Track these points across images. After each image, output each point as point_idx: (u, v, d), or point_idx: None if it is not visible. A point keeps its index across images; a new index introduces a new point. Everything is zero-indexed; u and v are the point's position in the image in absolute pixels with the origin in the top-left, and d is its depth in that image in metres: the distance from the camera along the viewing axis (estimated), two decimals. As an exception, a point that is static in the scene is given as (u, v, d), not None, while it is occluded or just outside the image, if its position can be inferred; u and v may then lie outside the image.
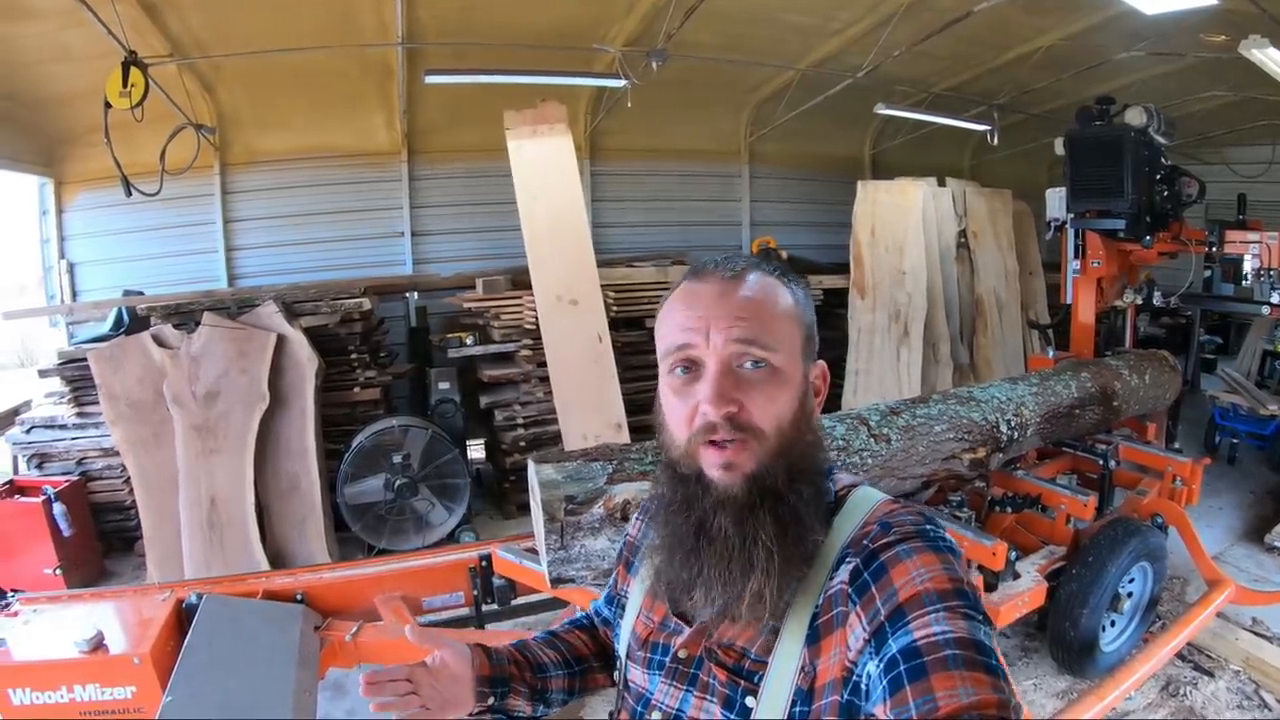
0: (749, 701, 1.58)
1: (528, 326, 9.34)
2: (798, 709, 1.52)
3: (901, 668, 1.33)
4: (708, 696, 1.67)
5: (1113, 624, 6.06)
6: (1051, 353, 8.29)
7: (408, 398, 11.03)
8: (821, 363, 1.76)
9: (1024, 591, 5.10)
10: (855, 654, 1.44)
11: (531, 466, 3.93)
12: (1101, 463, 6.63)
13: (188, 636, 4.22)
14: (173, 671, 4.00)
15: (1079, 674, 5.93)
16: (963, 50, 11.69)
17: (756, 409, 1.57)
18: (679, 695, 1.73)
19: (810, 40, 11.38)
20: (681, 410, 1.62)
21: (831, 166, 15.47)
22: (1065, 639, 5.74)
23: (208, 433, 8.15)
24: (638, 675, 1.85)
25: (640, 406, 9.52)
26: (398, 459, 8.51)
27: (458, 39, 10.09)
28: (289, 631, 4.53)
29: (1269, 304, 7.33)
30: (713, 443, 1.58)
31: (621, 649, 1.96)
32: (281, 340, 8.50)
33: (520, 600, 5.29)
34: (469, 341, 9.73)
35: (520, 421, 9.62)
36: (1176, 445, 8.07)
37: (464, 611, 5.47)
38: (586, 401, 8.54)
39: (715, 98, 13.42)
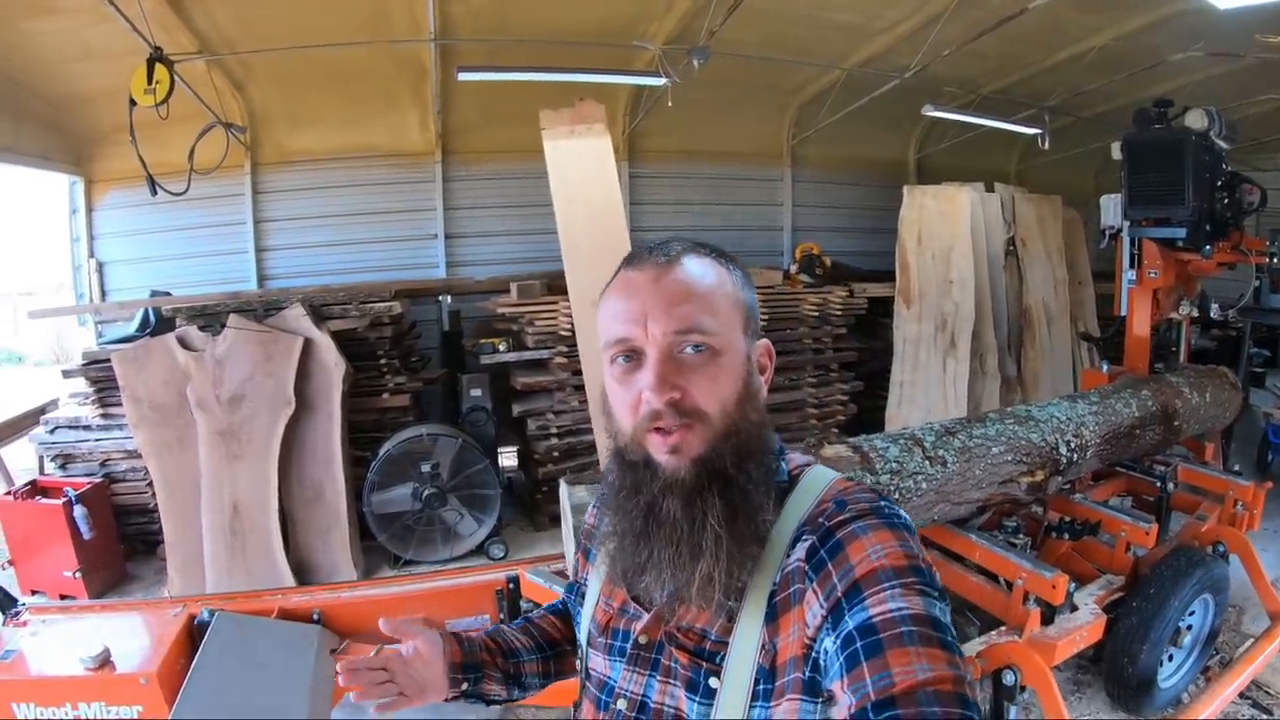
0: (712, 683, 1.60)
1: (563, 333, 9.20)
2: (761, 687, 1.54)
3: (858, 644, 1.35)
4: (671, 680, 1.69)
5: (1170, 658, 5.76)
6: (1105, 367, 8.00)
7: (440, 404, 10.90)
8: (765, 341, 1.79)
9: (1082, 625, 4.82)
10: (814, 630, 1.46)
11: (563, 488, 3.81)
12: (1160, 485, 6.37)
13: (196, 656, 4.12)
14: (179, 693, 3.90)
15: (1135, 711, 5.62)
16: (1012, 50, 11.42)
17: (699, 392, 1.59)
18: (642, 681, 1.75)
19: (855, 39, 11.14)
20: (625, 398, 1.64)
21: (875, 170, 15.23)
22: (1123, 675, 5.44)
23: (231, 437, 8.10)
24: (599, 662, 1.88)
25: None
26: (426, 468, 8.43)
27: (492, 36, 9.95)
28: (303, 654, 4.44)
29: (1325, 317, 7.04)
30: (659, 429, 1.59)
31: (582, 636, 1.99)
32: (308, 344, 8.43)
33: None
34: (502, 347, 9.60)
35: (554, 431, 9.46)
36: (1236, 467, 7.70)
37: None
38: None
39: (756, 99, 13.22)
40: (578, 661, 2.06)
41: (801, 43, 11.05)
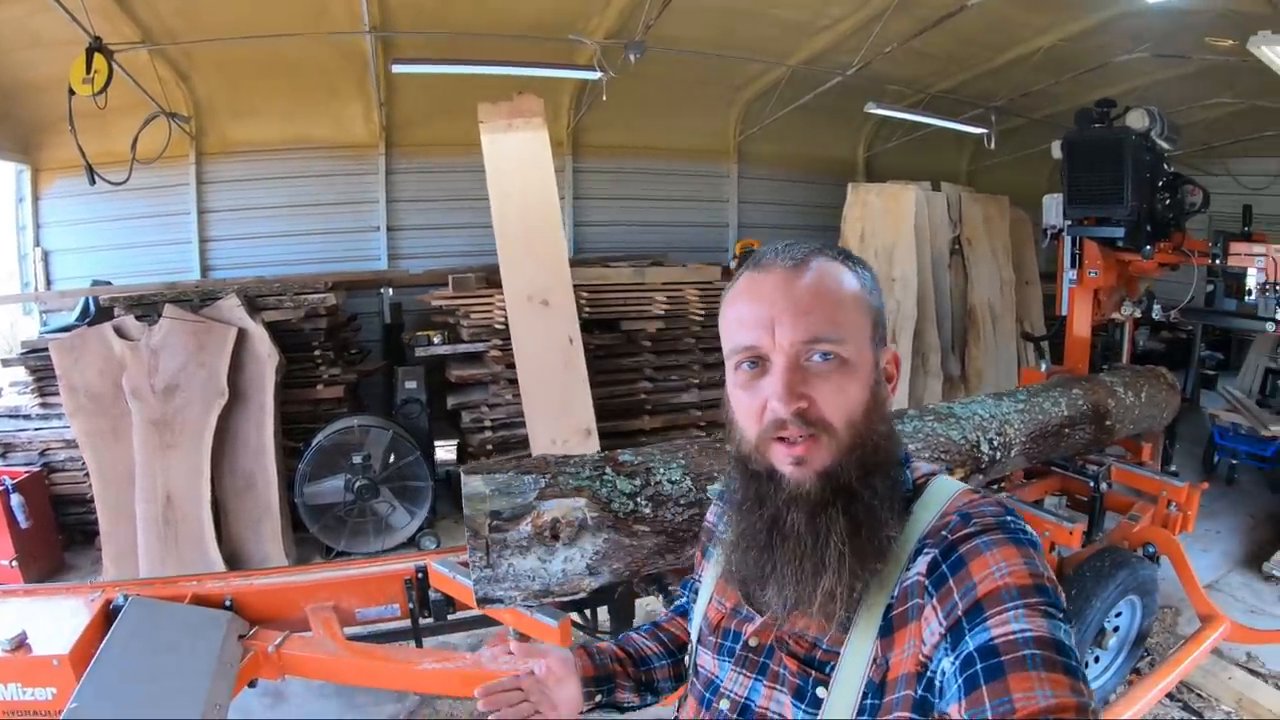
0: (820, 692, 1.57)
1: (498, 326, 9.08)
2: (869, 701, 1.49)
3: (978, 666, 1.29)
4: (778, 686, 1.66)
5: (1096, 660, 5.74)
6: (1045, 366, 8.01)
7: (381, 396, 10.82)
8: (893, 348, 1.71)
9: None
10: (930, 649, 1.41)
11: (463, 478, 3.65)
12: (1092, 485, 6.29)
13: (105, 639, 4.09)
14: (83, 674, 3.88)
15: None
16: (959, 50, 11.47)
17: (826, 403, 1.54)
18: (748, 683, 1.73)
19: (800, 36, 11.16)
20: (750, 406, 1.58)
21: (823, 169, 15.25)
22: (1043, 677, 5.34)
23: (165, 427, 8.02)
24: (708, 660, 1.84)
25: (613, 412, 9.55)
26: (358, 459, 8.34)
27: (432, 29, 9.88)
28: (211, 639, 4.37)
29: (1274, 320, 6.99)
30: (783, 439, 1.55)
31: (693, 633, 1.97)
32: (242, 334, 8.35)
33: (460, 615, 4.98)
34: (437, 340, 9.49)
35: (488, 424, 9.39)
36: (1173, 468, 7.71)
37: (402, 624, 5.18)
38: (555, 405, 8.41)
39: (703, 95, 13.26)
40: (687, 658, 2.04)
41: (746, 39, 11.04)
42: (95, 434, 8.08)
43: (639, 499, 3.68)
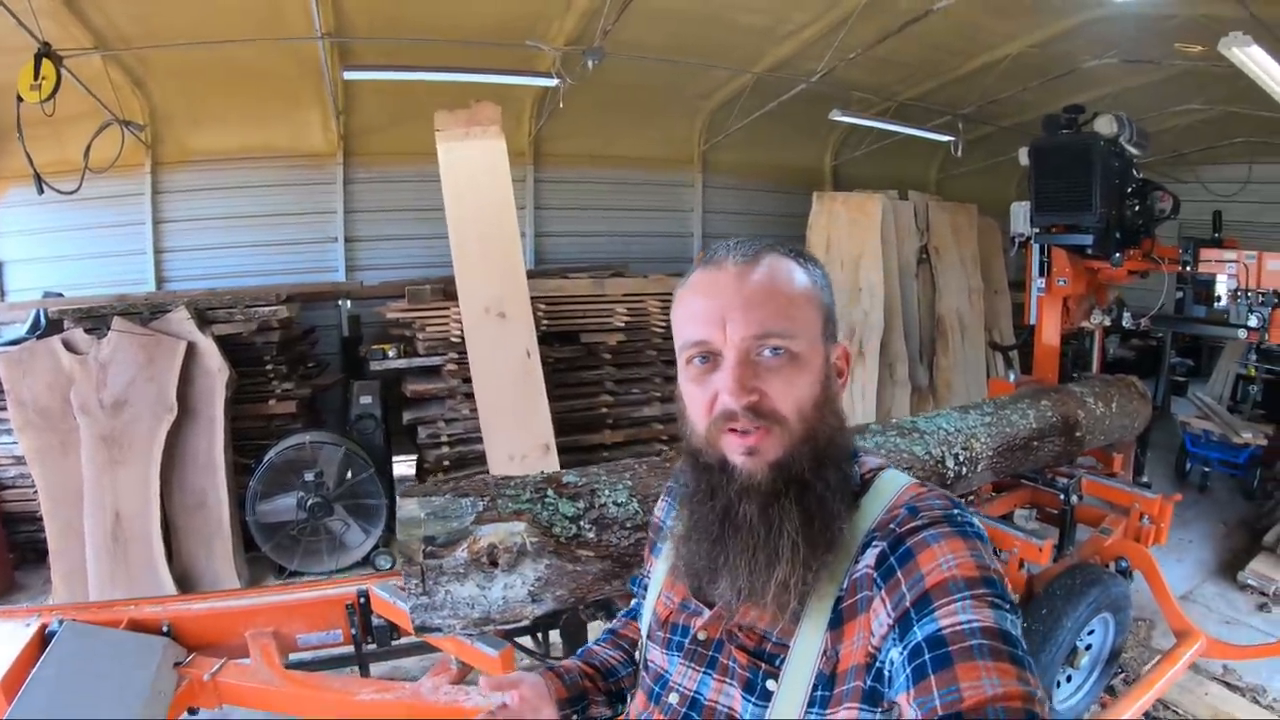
0: (770, 685, 1.59)
1: (454, 339, 8.92)
2: (819, 693, 1.52)
3: (926, 656, 1.32)
4: (727, 679, 1.68)
5: (1069, 679, 5.58)
6: (1013, 376, 7.91)
7: (340, 410, 10.58)
8: (843, 344, 1.74)
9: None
10: (879, 640, 1.44)
11: (397, 500, 3.53)
12: (1063, 498, 6.17)
13: (35, 667, 3.97)
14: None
15: (1031, 735, 5.38)
16: (926, 57, 11.41)
17: (777, 396, 1.56)
18: (697, 677, 1.74)
19: (763, 43, 11.05)
20: (701, 400, 1.61)
21: (791, 178, 15.16)
22: (1014, 699, 5.18)
23: (114, 443, 7.88)
24: (657, 655, 1.86)
25: (573, 426, 9.45)
26: (310, 477, 8.18)
27: (389, 35, 9.80)
28: (145, 666, 4.23)
29: (1246, 327, 6.89)
30: (734, 430, 1.57)
31: (642, 628, 1.99)
32: (192, 348, 8.20)
33: (405, 640, 4.83)
34: (391, 353, 9.37)
35: (445, 439, 9.18)
36: (1145, 479, 7.62)
37: (348, 650, 5.02)
38: (513, 420, 8.28)
39: (667, 103, 13.19)
40: (637, 652, 2.07)
41: (709, 46, 10.94)
42: (44, 450, 7.93)
43: (582, 522, 3.54)
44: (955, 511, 1.52)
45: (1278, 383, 10.83)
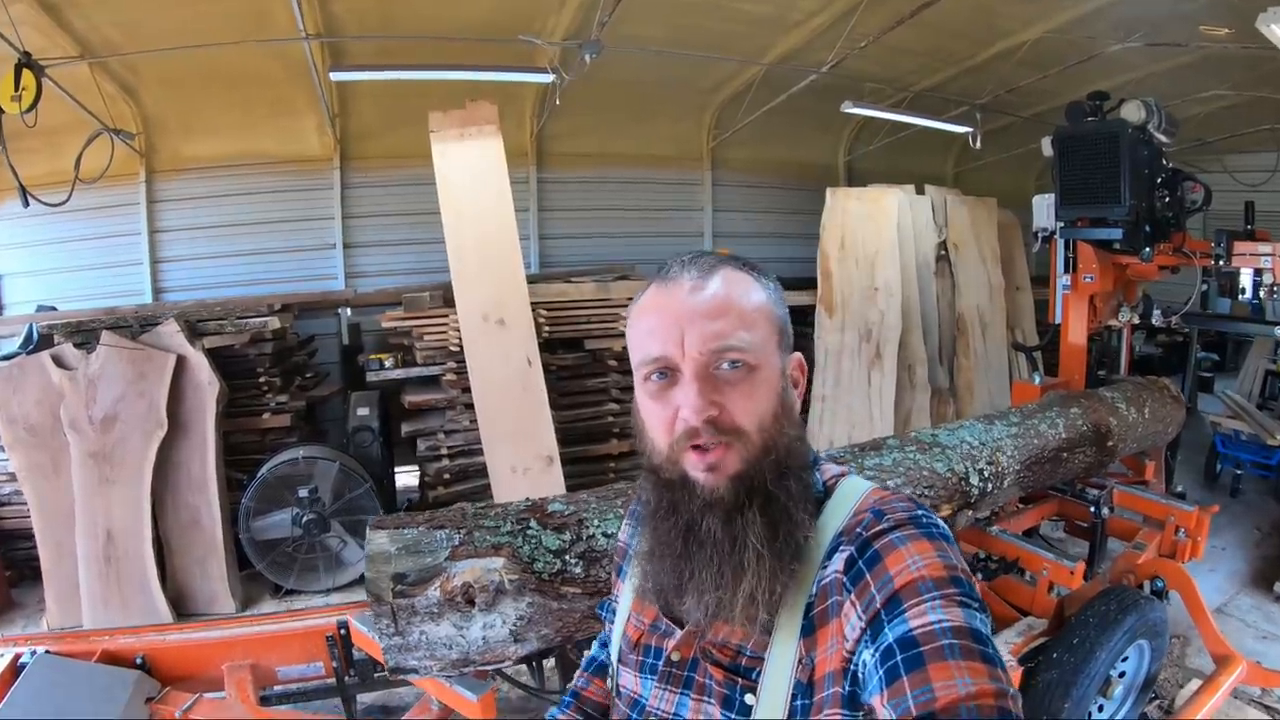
0: (748, 699, 1.57)
1: (453, 348, 8.82)
2: (799, 702, 1.51)
3: (898, 657, 1.30)
4: (705, 698, 1.66)
5: (1100, 709, 5.21)
6: (1038, 379, 7.56)
7: (340, 422, 10.48)
8: (798, 354, 1.76)
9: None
10: (852, 644, 1.43)
11: (368, 533, 3.35)
12: (1093, 511, 5.97)
13: (3, 700, 4.03)
14: (-22, 738, 3.76)
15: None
16: (941, 45, 11.20)
17: (737, 409, 1.56)
18: (674, 699, 1.72)
19: (771, 33, 10.83)
20: (661, 416, 1.61)
21: (803, 174, 14.99)
22: (1043, 732, 4.94)
23: (104, 460, 7.85)
24: (629, 680, 1.84)
25: (577, 436, 9.43)
26: (305, 492, 8.08)
27: (380, 34, 9.69)
28: (114, 701, 4.26)
29: (1283, 323, 6.60)
30: (696, 447, 1.56)
31: (613, 653, 1.96)
32: (182, 362, 8.15)
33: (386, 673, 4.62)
34: (389, 363, 9.31)
35: (444, 452, 9.08)
36: (1179, 488, 7.31)
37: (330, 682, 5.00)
38: (514, 431, 8.18)
39: (673, 98, 13.02)
40: (608, 680, 2.03)
41: (713, 37, 10.71)
42: (35, 468, 7.92)
43: (568, 556, 3.36)
44: (920, 513, 1.52)
45: (1309, 379, 10.60)
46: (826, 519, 1.62)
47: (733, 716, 1.59)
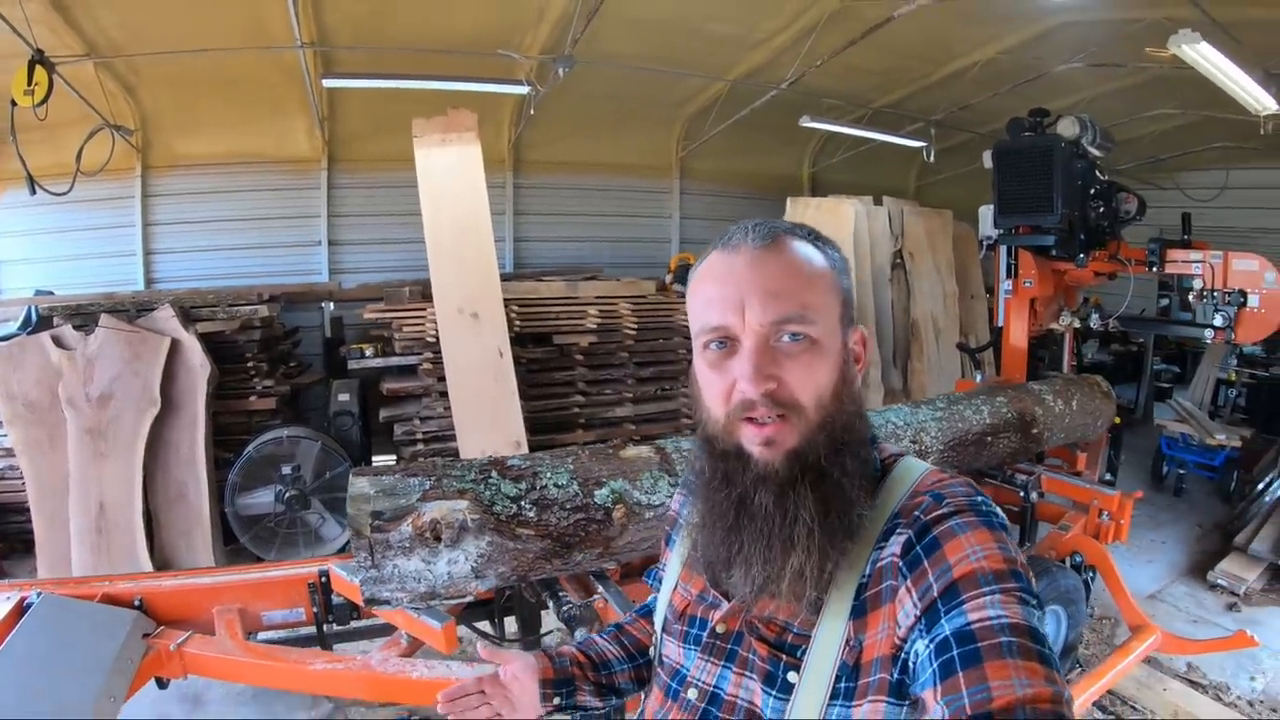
0: (791, 677, 1.56)
1: (429, 339, 9.07)
2: (843, 684, 1.49)
3: (954, 652, 1.28)
4: (747, 672, 1.65)
5: (1020, 673, 5.57)
6: (980, 377, 7.97)
7: (321, 409, 10.71)
8: (861, 328, 1.71)
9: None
10: (905, 631, 1.41)
11: (350, 478, 3.70)
12: (1022, 495, 6.24)
13: (9, 636, 4.15)
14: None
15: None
16: (897, 64, 11.55)
17: (796, 383, 1.53)
18: (716, 671, 1.71)
19: (736, 51, 11.20)
20: (718, 386, 1.58)
21: (768, 185, 15.22)
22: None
23: (99, 436, 8.02)
24: (673, 649, 1.84)
25: (547, 425, 9.58)
26: (288, 470, 8.36)
27: (370, 44, 9.91)
28: (114, 637, 4.42)
29: (1212, 326, 6.97)
30: (751, 419, 1.54)
31: (658, 622, 1.96)
32: (176, 345, 8.36)
33: (365, 622, 5.11)
34: (369, 353, 9.54)
35: (420, 437, 9.34)
36: (1109, 477, 7.74)
37: (311, 631, 5.21)
38: (485, 418, 8.41)
39: (644, 111, 13.29)
40: (652, 648, 2.03)
41: (683, 54, 11.07)
42: (32, 443, 8.09)
43: (523, 502, 3.68)
44: (980, 499, 1.51)
45: (1258, 387, 10.92)
46: (883, 499, 1.60)
47: (774, 693, 1.57)
